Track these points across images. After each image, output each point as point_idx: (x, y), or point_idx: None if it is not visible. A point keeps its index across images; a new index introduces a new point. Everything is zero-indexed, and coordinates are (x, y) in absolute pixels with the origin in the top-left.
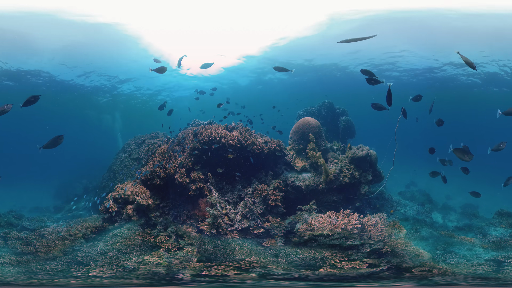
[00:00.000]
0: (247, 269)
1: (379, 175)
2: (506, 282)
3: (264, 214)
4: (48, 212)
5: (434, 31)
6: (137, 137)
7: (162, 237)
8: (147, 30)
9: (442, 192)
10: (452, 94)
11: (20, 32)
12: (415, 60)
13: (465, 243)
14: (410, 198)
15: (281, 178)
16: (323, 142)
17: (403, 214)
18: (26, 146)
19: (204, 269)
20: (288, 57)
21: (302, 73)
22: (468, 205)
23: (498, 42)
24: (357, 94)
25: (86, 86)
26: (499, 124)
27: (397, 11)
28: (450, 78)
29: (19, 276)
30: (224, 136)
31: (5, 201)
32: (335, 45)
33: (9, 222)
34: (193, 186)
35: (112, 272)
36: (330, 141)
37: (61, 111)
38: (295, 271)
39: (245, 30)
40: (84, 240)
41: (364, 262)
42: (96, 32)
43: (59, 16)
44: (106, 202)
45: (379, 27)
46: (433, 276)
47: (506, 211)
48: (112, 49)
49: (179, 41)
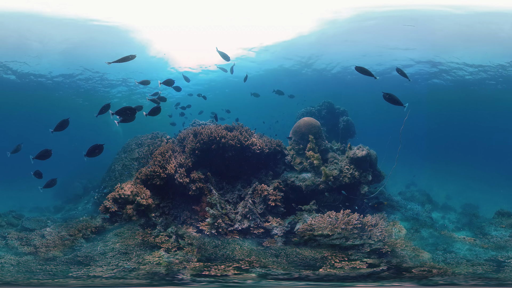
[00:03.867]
0: (247, 269)
1: (379, 175)
2: (506, 282)
3: (264, 214)
4: (48, 212)
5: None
6: (137, 137)
7: (162, 237)
8: (151, 32)
9: (442, 192)
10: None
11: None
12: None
13: (465, 243)
14: (410, 198)
15: (281, 178)
16: (323, 142)
17: (403, 214)
18: (26, 146)
19: (204, 269)
20: (291, 55)
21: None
22: (468, 205)
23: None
24: (357, 94)
25: (86, 86)
26: (499, 124)
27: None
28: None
29: (19, 276)
30: (224, 136)
31: (5, 201)
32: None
33: (9, 222)
34: (193, 186)
35: (112, 272)
36: (330, 141)
37: (62, 111)
38: (295, 271)
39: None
40: (84, 240)
41: (364, 262)
42: (97, 34)
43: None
44: (106, 202)
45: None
46: (433, 276)
47: (506, 211)
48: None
49: (180, 41)
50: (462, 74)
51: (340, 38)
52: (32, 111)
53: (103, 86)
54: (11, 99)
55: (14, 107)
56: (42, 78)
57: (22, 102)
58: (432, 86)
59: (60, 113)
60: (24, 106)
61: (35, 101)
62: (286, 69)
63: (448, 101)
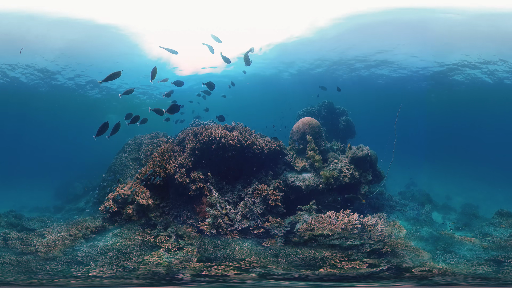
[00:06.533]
0: (247, 269)
1: (379, 175)
2: (506, 282)
3: (264, 214)
4: (48, 212)
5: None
6: (137, 137)
7: (162, 237)
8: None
9: (442, 192)
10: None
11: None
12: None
13: (465, 243)
14: (410, 198)
15: (281, 178)
16: (323, 142)
17: (403, 214)
18: (26, 146)
19: (204, 269)
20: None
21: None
22: (468, 205)
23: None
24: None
25: (85, 86)
26: (499, 124)
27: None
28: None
29: (19, 276)
30: (224, 136)
31: (5, 201)
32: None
33: (9, 222)
34: (193, 186)
35: (112, 272)
36: (330, 141)
37: (62, 111)
38: (295, 271)
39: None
40: (84, 240)
41: (364, 262)
42: (98, 35)
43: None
44: (106, 202)
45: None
46: (433, 276)
47: (506, 211)
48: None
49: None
50: (464, 73)
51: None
52: (32, 111)
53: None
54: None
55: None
56: (50, 79)
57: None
58: (432, 86)
59: (60, 113)
60: (24, 106)
61: (36, 101)
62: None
63: (448, 101)
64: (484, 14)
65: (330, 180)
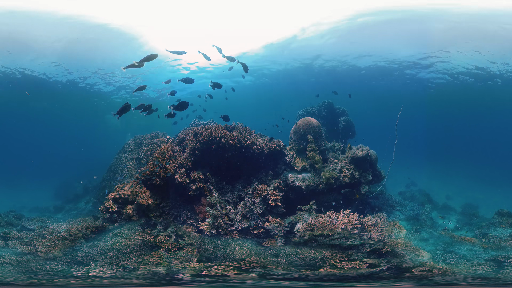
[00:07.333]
0: (247, 269)
1: (379, 175)
2: (506, 282)
3: (264, 214)
4: (48, 212)
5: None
6: (137, 137)
7: (162, 237)
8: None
9: (442, 192)
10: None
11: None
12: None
13: (465, 243)
14: (410, 198)
15: (281, 178)
16: (323, 142)
17: (403, 214)
18: (26, 146)
19: (204, 269)
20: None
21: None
22: (468, 205)
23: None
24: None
25: (86, 87)
26: (499, 124)
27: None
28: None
29: (19, 276)
30: (224, 136)
31: (5, 201)
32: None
33: (9, 222)
34: (193, 186)
35: (112, 272)
36: (330, 141)
37: (62, 112)
38: (295, 271)
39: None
40: (84, 240)
41: (364, 262)
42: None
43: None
44: (106, 202)
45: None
46: (433, 276)
47: (506, 211)
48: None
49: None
50: (462, 73)
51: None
52: (32, 111)
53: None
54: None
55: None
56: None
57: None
58: (432, 86)
59: (60, 113)
60: (24, 105)
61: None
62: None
63: (448, 101)
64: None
65: (331, 181)
